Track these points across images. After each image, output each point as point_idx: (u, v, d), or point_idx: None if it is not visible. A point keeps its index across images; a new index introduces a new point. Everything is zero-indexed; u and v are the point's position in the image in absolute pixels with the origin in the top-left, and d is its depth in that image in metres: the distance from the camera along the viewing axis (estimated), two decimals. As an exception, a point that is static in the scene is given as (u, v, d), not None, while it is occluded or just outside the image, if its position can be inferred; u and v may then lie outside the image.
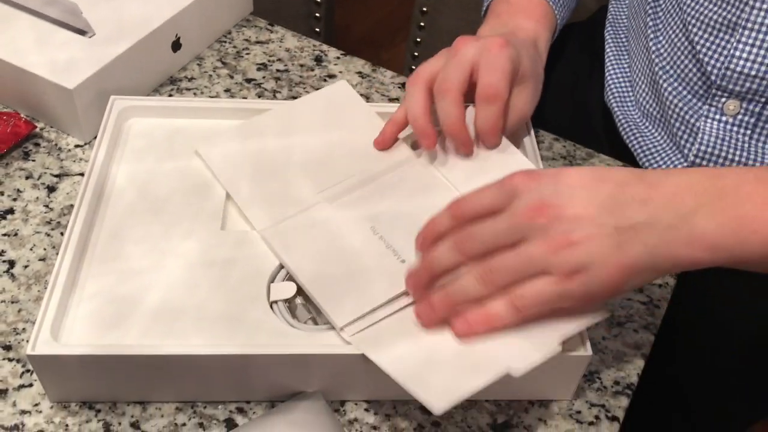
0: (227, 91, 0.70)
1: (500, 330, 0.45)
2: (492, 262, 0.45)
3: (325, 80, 0.72)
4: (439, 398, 0.42)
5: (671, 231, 0.43)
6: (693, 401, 0.77)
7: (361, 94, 0.64)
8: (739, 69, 0.56)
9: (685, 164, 0.62)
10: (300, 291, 0.52)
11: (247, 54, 0.74)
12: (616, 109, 0.68)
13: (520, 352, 0.45)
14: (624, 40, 0.71)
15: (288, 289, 0.50)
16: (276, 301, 0.50)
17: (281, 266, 0.52)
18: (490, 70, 0.53)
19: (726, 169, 0.45)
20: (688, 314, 0.66)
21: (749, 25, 0.55)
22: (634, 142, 0.66)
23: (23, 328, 0.52)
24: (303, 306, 0.52)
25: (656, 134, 0.66)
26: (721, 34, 0.57)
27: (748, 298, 0.65)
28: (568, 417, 0.50)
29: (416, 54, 1.18)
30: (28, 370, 0.50)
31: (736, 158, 0.59)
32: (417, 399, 0.43)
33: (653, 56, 0.63)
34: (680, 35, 0.60)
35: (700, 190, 0.44)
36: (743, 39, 0.55)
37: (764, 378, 0.73)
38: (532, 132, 0.60)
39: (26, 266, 0.55)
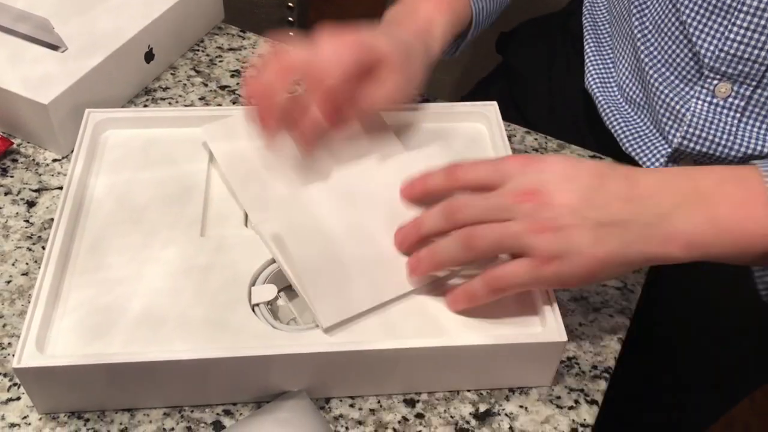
0: (202, 99, 0.71)
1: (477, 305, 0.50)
2: (476, 229, 0.47)
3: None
4: (328, 315, 0.48)
5: (648, 229, 0.46)
6: (668, 383, 0.78)
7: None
8: (732, 51, 0.57)
9: (669, 149, 0.63)
10: (281, 292, 0.53)
11: (220, 61, 0.75)
12: (597, 93, 0.69)
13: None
14: (605, 25, 0.72)
15: (269, 292, 0.51)
16: (258, 304, 0.51)
17: (261, 269, 0.52)
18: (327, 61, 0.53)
19: (704, 169, 0.48)
20: (663, 297, 0.67)
21: (744, 8, 0.56)
22: (617, 126, 0.67)
23: (9, 343, 0.53)
24: (285, 307, 0.53)
25: (639, 119, 0.67)
26: (714, 17, 0.57)
27: (723, 280, 0.67)
28: (548, 402, 0.51)
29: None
30: (15, 384, 0.51)
31: (723, 141, 0.60)
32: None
33: (638, 42, 0.64)
34: (670, 18, 0.60)
35: (677, 190, 0.46)
36: (738, 22, 0.56)
37: (737, 361, 0.75)
38: (503, 126, 0.61)
39: (9, 281, 0.56)
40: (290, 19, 1.25)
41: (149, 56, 0.71)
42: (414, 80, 0.58)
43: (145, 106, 0.70)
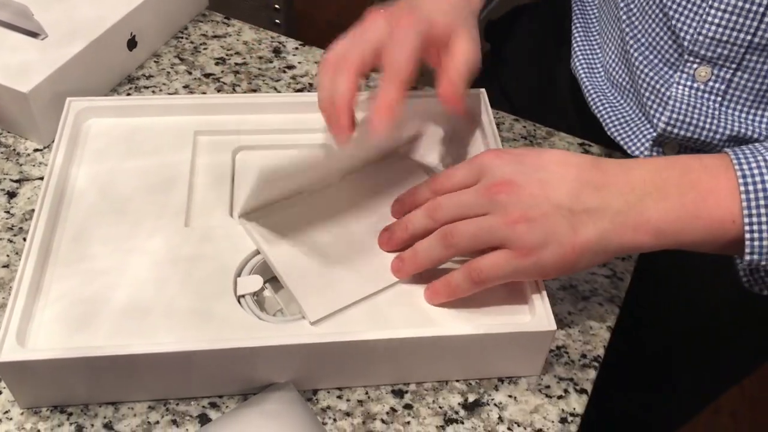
0: (186, 87, 0.70)
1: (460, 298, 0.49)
2: (454, 226, 0.48)
3: (284, 71, 0.72)
4: (315, 309, 0.48)
5: (620, 216, 0.46)
6: (659, 371, 0.78)
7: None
8: (711, 35, 0.57)
9: (654, 134, 0.63)
10: (267, 283, 0.52)
11: (205, 49, 0.74)
12: (584, 77, 0.69)
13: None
14: (593, 10, 0.72)
15: (255, 283, 0.50)
16: (243, 295, 0.50)
17: (247, 260, 0.52)
18: (395, 48, 0.50)
19: (675, 158, 0.48)
20: (652, 285, 0.67)
21: None
22: (603, 112, 0.67)
23: (-10, 336, 0.52)
24: (271, 298, 0.52)
25: (625, 104, 0.66)
26: None
27: (712, 267, 0.67)
28: (537, 392, 0.51)
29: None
30: (-4, 378, 0.50)
31: (707, 125, 0.60)
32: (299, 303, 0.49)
33: (624, 25, 0.64)
34: (652, 3, 0.60)
35: (648, 179, 0.47)
36: (715, 4, 0.55)
37: (726, 348, 0.75)
38: (491, 113, 0.60)
39: (-10, 273, 0.55)
40: (276, 6, 1.23)
41: (132, 44, 0.70)
42: (477, 40, 0.56)
43: (128, 94, 0.69)
